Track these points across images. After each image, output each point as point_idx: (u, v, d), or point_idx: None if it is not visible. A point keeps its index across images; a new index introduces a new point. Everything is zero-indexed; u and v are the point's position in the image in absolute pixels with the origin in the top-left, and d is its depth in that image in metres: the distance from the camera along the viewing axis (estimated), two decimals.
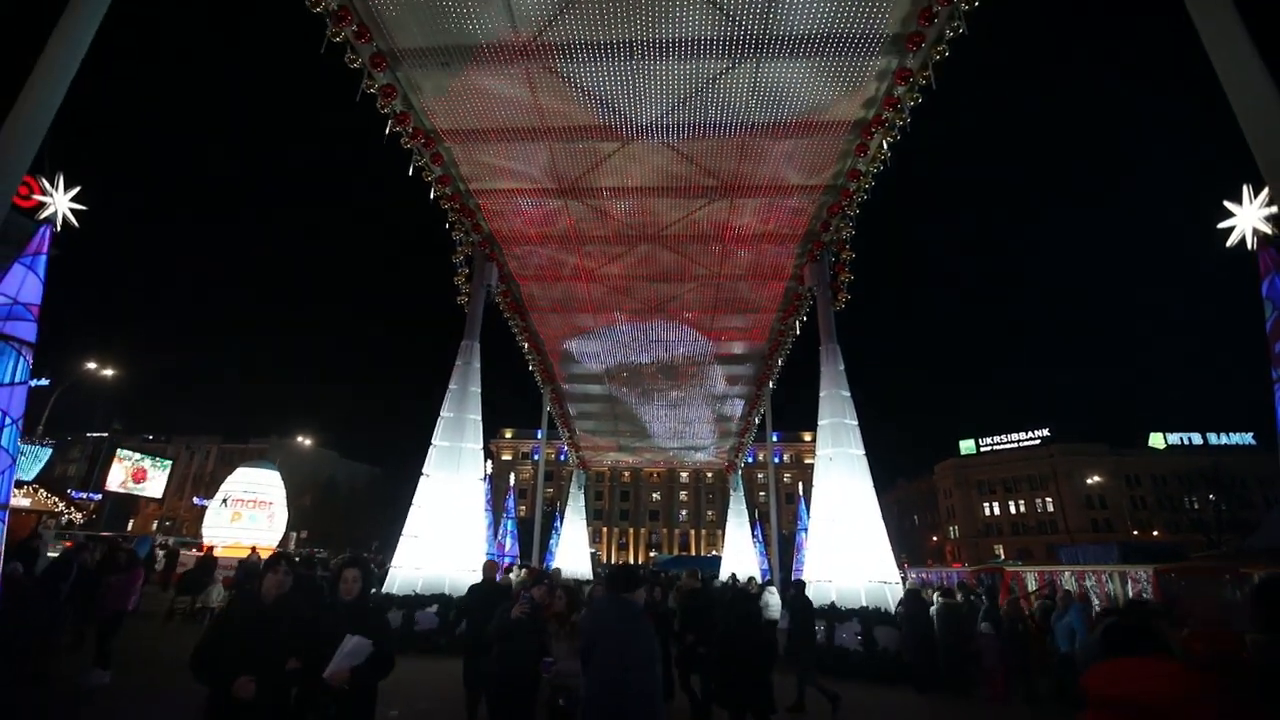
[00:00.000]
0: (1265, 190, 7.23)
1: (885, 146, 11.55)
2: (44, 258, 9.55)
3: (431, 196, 13.41)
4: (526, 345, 21.28)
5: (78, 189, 10.25)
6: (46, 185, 10.07)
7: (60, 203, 9.85)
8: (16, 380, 8.29)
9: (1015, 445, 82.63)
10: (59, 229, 9.89)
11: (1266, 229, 7.65)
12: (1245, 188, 8.67)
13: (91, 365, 35.84)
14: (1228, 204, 8.04)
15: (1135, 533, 68.42)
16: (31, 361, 9.34)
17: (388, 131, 11.46)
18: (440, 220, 14.71)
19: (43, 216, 9.79)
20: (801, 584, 9.84)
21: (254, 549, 19.52)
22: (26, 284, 9.11)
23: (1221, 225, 8.25)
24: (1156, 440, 76.16)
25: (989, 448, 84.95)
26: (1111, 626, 2.61)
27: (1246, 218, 7.77)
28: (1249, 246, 7.81)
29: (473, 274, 15.84)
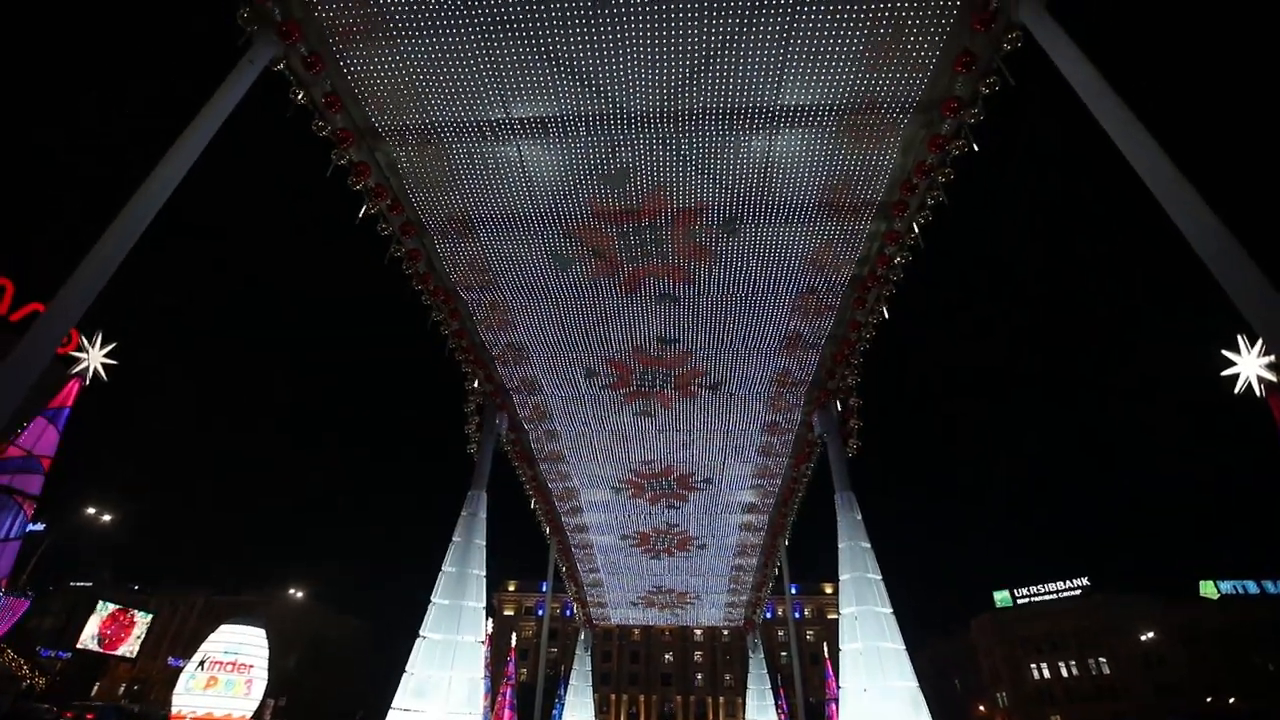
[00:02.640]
0: (1260, 341, 7.39)
1: (882, 299, 12.16)
2: (67, 411, 9.71)
3: (447, 350, 13.96)
4: (534, 496, 20.91)
5: (113, 345, 10.57)
6: (85, 341, 10.48)
7: (94, 358, 10.16)
8: (10, 537, 8.09)
9: (1054, 596, 77.02)
10: (88, 383, 10.11)
11: (1270, 376, 7.71)
12: (1240, 338, 8.90)
13: (90, 510, 35.12)
14: (1226, 353, 8.17)
15: (1209, 699, 61.01)
16: (31, 515, 9.18)
17: (413, 287, 12.25)
18: (451, 369, 15.17)
19: (74, 370, 10.06)
20: None
21: None
22: (45, 438, 9.19)
23: (1225, 373, 8.31)
24: (1208, 589, 70.38)
25: (1025, 599, 79.16)
26: None
27: (1248, 366, 7.86)
28: (1258, 393, 7.79)
29: (483, 423, 16.00)
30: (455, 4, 7.80)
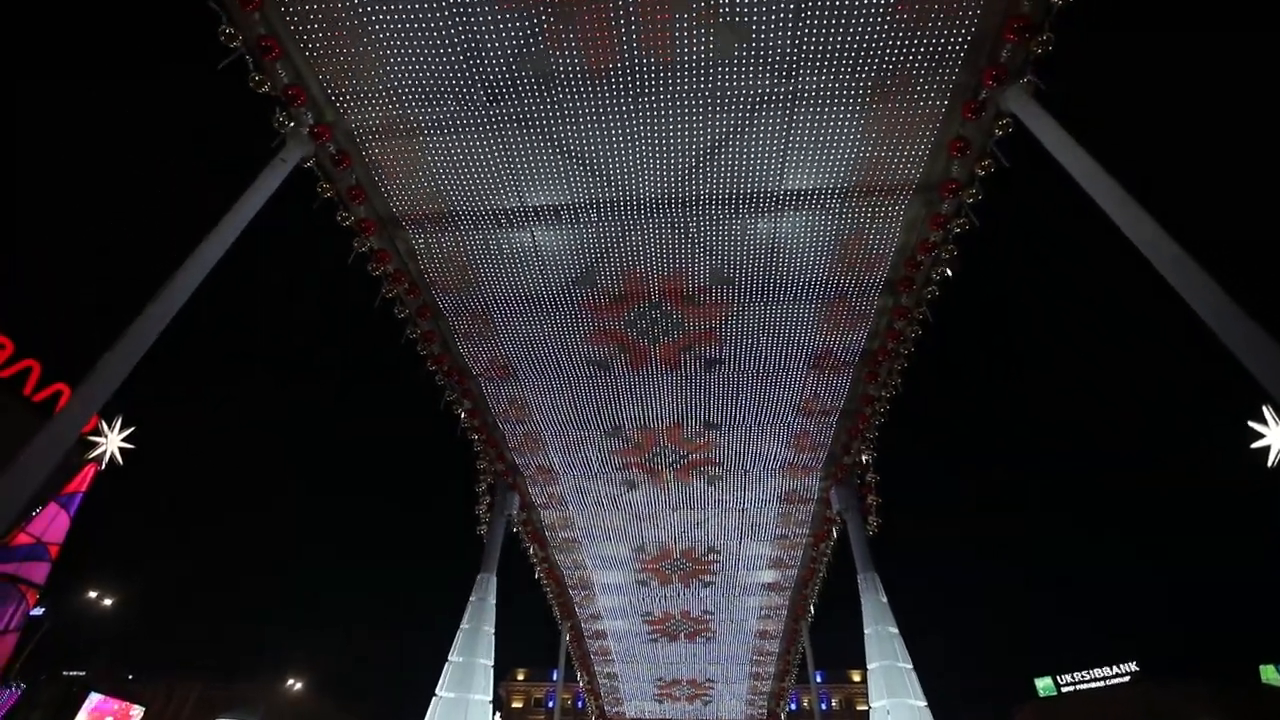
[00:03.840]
0: None
1: (895, 373, 12.14)
2: (80, 496, 9.72)
3: (460, 429, 13.98)
4: (545, 578, 20.27)
5: (131, 429, 10.68)
6: (104, 425, 10.62)
7: (113, 442, 10.26)
8: (9, 629, 7.95)
9: (1101, 684, 71.67)
10: (103, 467, 10.15)
11: None
12: (1265, 408, 8.74)
13: (92, 594, 34.23)
14: (1253, 425, 7.97)
15: None
16: (33, 604, 9.05)
17: (428, 367, 12.44)
18: (463, 448, 15.11)
19: (92, 455, 10.14)
20: None
21: None
22: (55, 524, 9.17)
23: (1255, 445, 8.08)
24: (1269, 674, 65.13)
25: (1070, 687, 73.63)
26: None
27: (1277, 438, 7.65)
28: None
29: (494, 503, 15.78)
30: (476, 105, 8.33)
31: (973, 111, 7.93)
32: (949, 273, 10.02)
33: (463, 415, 13.89)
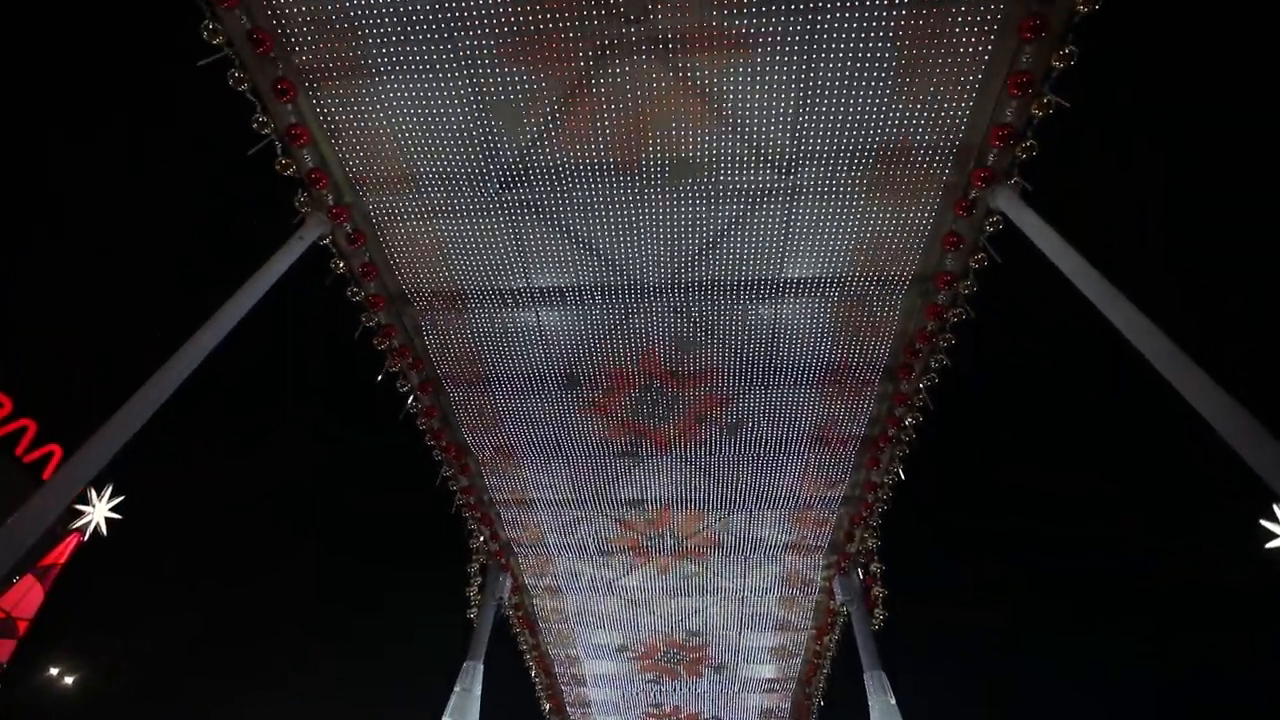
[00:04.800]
0: None
1: (897, 460, 12.04)
2: (57, 567, 9.40)
3: (454, 506, 13.71)
4: (535, 667, 19.21)
5: (120, 499, 10.43)
6: (93, 494, 10.36)
7: (99, 512, 9.98)
8: None
9: None
10: (86, 539, 9.86)
11: None
12: (1276, 507, 8.57)
13: (53, 671, 32.42)
14: (1265, 524, 7.81)
15: None
16: None
17: (426, 442, 12.35)
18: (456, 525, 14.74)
19: (75, 525, 9.85)
20: None
21: None
22: (28, 598, 8.84)
23: (1269, 546, 7.89)
24: None
25: None
26: None
27: None
28: None
29: (485, 584, 15.22)
30: (489, 191, 8.73)
31: (964, 209, 8.28)
32: (947, 361, 10.14)
33: (458, 492, 13.65)
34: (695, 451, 12.49)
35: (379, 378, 10.96)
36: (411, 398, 11.59)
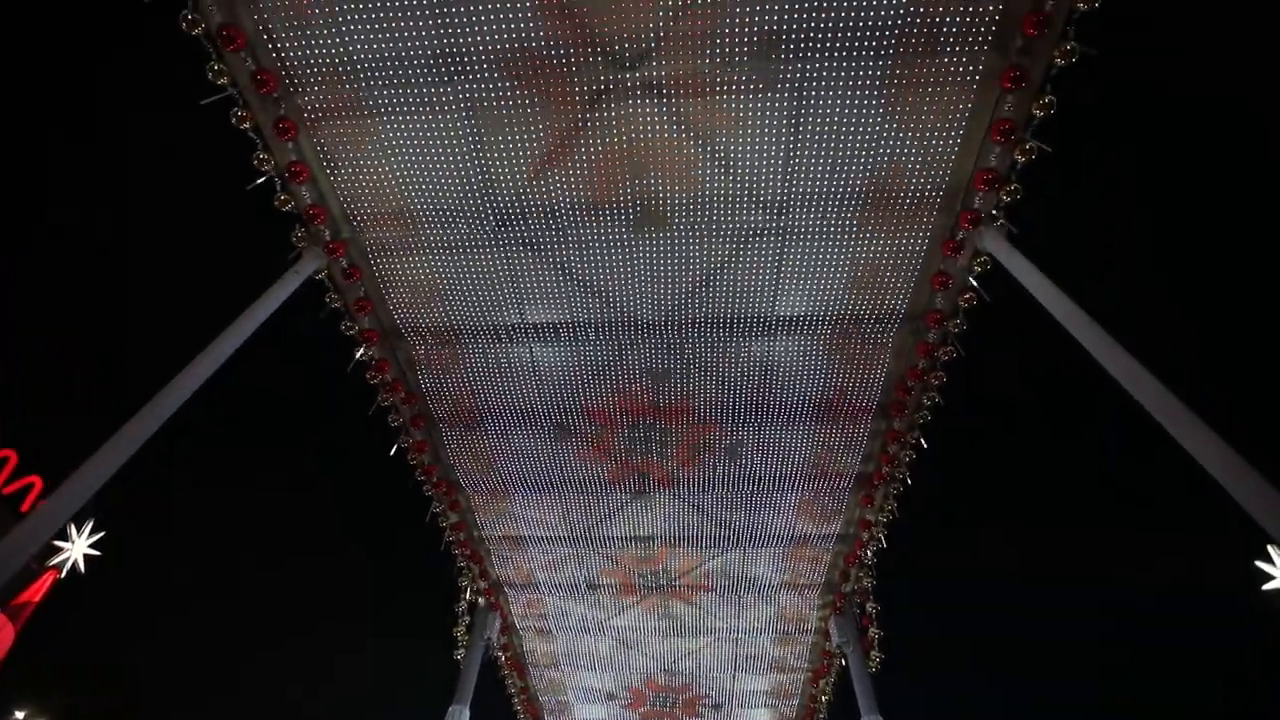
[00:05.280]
0: None
1: (891, 498, 11.99)
2: (32, 605, 9.17)
3: (444, 543, 13.50)
4: (522, 712, 18.64)
5: (100, 535, 10.20)
6: (72, 530, 10.09)
7: (78, 548, 9.76)
8: None
9: None
10: (63, 576, 9.63)
11: None
12: (1270, 548, 8.55)
13: (19, 715, 31.30)
14: (1261, 565, 7.79)
15: None
16: None
17: (416, 478, 12.22)
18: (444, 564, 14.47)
19: (53, 562, 9.63)
20: None
21: None
22: None
23: (1267, 587, 7.85)
24: None
25: None
26: None
27: None
28: None
29: (473, 624, 14.87)
30: (485, 228, 8.84)
31: (952, 250, 8.44)
32: (938, 399, 10.19)
33: (447, 528, 13.45)
34: (689, 488, 12.40)
35: (370, 412, 10.92)
36: (403, 433, 11.52)
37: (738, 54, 7.01)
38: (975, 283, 8.62)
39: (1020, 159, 7.38)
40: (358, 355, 10.14)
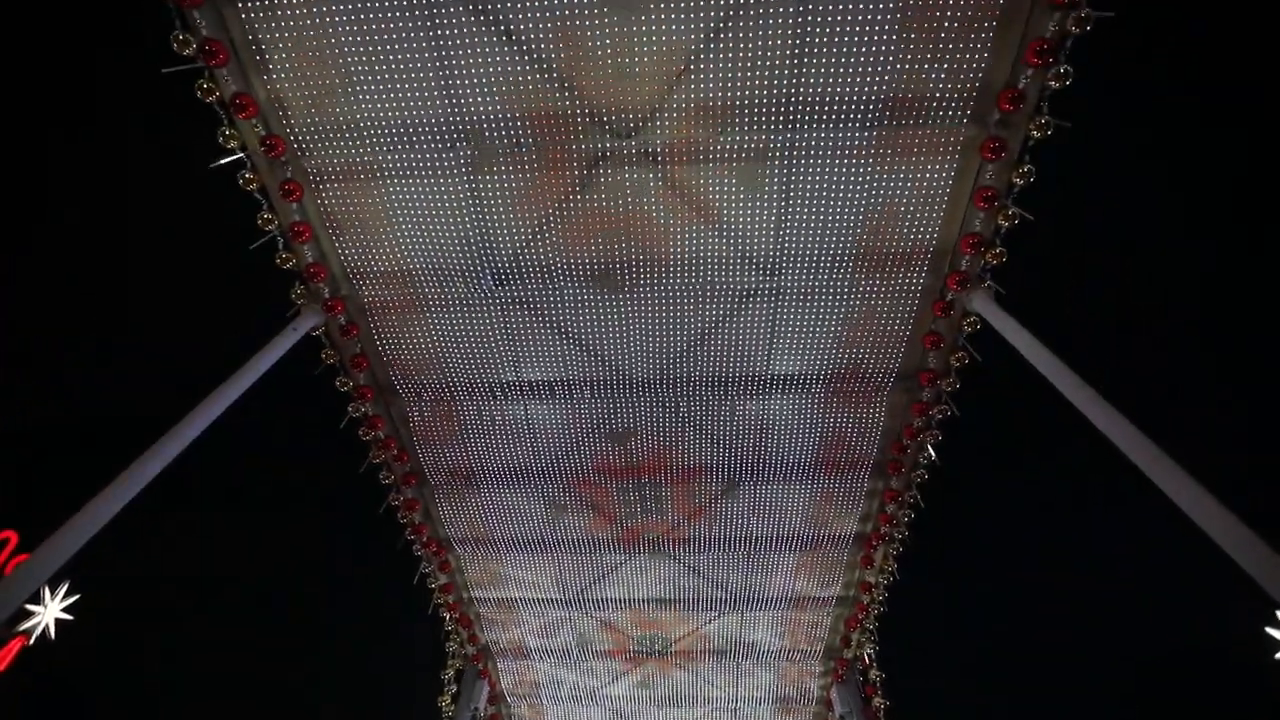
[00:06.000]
0: None
1: (891, 559, 11.76)
2: None
3: (432, 606, 13.07)
4: None
5: (75, 598, 9.83)
6: (45, 592, 9.71)
7: (50, 612, 9.37)
8: None
9: None
10: (31, 642, 9.26)
11: None
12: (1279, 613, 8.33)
13: None
14: (1271, 631, 7.60)
15: None
16: None
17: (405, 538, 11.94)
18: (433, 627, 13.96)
19: (21, 628, 9.25)
20: None
21: None
22: None
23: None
24: None
25: None
26: None
27: None
28: None
29: (460, 692, 14.22)
30: (482, 288, 8.96)
31: (942, 310, 8.59)
32: (934, 457, 10.15)
33: (436, 590, 13.05)
34: (684, 549, 12.15)
35: (362, 469, 10.77)
36: (394, 490, 11.33)
37: (732, 124, 7.32)
38: (966, 343, 8.74)
39: (1004, 224, 7.61)
40: (351, 412, 10.09)
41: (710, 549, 12.09)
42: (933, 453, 10.14)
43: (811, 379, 9.63)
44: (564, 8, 6.56)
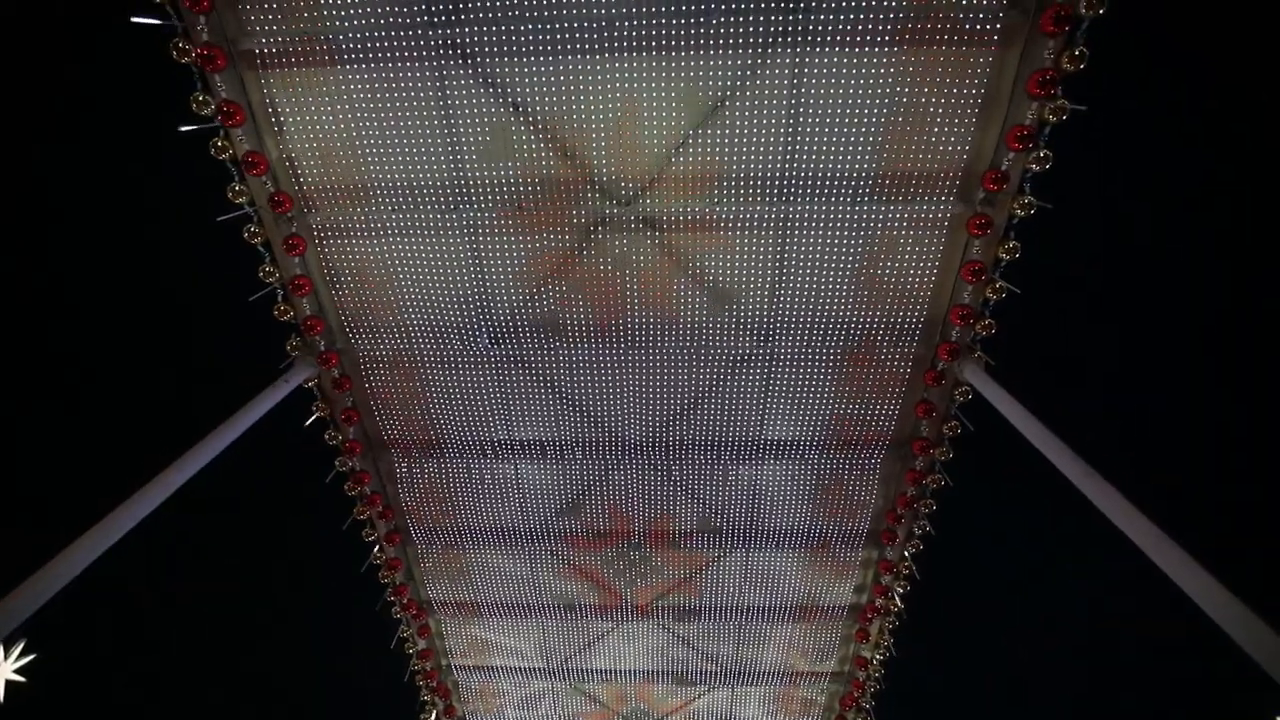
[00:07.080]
0: None
1: (887, 632, 11.39)
2: None
3: (409, 673, 12.48)
4: None
5: (31, 657, 9.40)
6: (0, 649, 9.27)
7: (2, 673, 8.91)
8: None
9: None
10: None
11: None
12: None
13: None
14: None
15: None
16: None
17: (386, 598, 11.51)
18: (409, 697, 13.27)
19: None
20: None
21: None
22: None
23: None
24: None
25: None
26: None
27: None
28: None
29: None
30: (478, 346, 9.02)
31: (934, 379, 8.66)
32: (929, 528, 10.00)
33: (414, 655, 12.49)
34: (672, 617, 11.76)
35: (346, 525, 10.50)
36: (376, 548, 11.01)
37: (727, 194, 7.57)
38: (958, 413, 8.77)
39: (992, 297, 7.79)
40: (338, 466, 9.93)
41: (701, 618, 11.70)
42: (928, 523, 10.01)
43: (804, 444, 9.59)
44: (569, 82, 6.89)
